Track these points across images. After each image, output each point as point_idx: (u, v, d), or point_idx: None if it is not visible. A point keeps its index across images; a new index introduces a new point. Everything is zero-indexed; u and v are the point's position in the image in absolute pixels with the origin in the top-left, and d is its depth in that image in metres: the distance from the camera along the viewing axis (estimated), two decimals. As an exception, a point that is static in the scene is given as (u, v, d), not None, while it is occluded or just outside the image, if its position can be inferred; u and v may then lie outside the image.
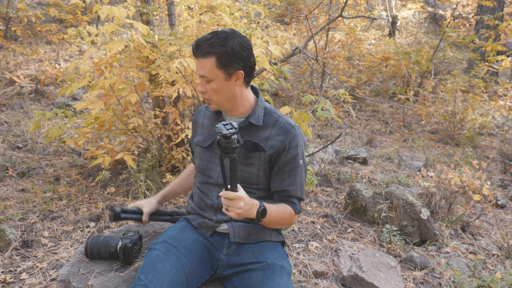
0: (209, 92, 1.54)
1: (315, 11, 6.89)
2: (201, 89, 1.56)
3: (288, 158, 1.58)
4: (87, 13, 7.44)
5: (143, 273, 1.42)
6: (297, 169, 1.60)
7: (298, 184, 1.62)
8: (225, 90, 1.54)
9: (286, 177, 1.60)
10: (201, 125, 1.73)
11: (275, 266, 1.50)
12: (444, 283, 2.44)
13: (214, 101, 1.57)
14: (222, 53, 1.47)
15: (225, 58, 1.48)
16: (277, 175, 1.60)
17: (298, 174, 1.61)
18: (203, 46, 1.48)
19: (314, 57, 4.22)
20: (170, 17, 3.82)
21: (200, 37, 1.51)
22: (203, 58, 1.49)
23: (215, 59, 1.48)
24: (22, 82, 5.45)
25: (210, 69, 1.49)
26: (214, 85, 1.52)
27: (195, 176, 1.76)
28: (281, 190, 1.61)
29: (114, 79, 2.91)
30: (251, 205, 1.43)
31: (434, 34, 10.68)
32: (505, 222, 3.43)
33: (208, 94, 1.55)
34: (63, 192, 3.20)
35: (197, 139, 1.71)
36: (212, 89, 1.53)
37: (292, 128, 1.59)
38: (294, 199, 1.62)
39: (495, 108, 6.31)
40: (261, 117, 1.61)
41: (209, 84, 1.53)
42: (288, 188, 1.60)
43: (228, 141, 1.30)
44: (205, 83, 1.53)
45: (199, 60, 1.51)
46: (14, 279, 2.19)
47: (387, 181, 3.81)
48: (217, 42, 1.47)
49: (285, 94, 6.86)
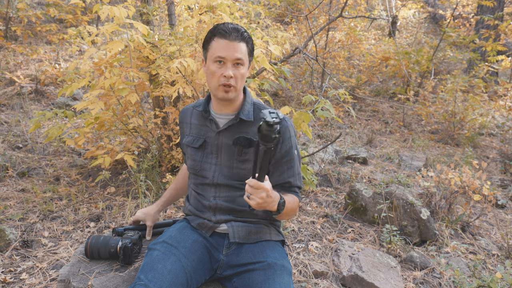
0: (238, 77, 1.54)
1: (315, 11, 6.89)
2: (229, 73, 1.51)
3: (284, 151, 1.60)
4: (87, 13, 7.44)
5: (143, 272, 1.42)
6: (294, 160, 1.64)
7: (296, 174, 1.66)
8: (246, 77, 1.59)
9: (285, 169, 1.62)
10: (189, 125, 1.71)
11: (276, 266, 1.50)
12: (444, 283, 2.44)
13: (237, 88, 1.56)
14: (252, 42, 1.58)
15: (252, 47, 1.58)
16: (276, 168, 1.62)
17: (295, 165, 1.64)
18: (241, 31, 1.52)
19: (314, 57, 4.22)
20: (170, 17, 3.82)
21: (225, 23, 1.54)
22: (239, 42, 1.52)
23: (247, 46, 1.55)
24: (22, 82, 5.45)
25: (245, 53, 1.54)
26: (243, 70, 1.55)
27: (189, 177, 1.75)
28: (283, 183, 1.63)
29: (114, 79, 2.91)
30: (273, 197, 1.44)
31: (434, 34, 10.68)
32: (505, 222, 3.43)
33: (235, 80, 1.54)
34: (63, 192, 3.20)
35: (187, 140, 1.70)
36: (241, 74, 1.55)
37: (282, 120, 1.61)
38: (296, 188, 1.66)
39: (495, 108, 6.31)
40: (251, 113, 1.62)
41: (238, 69, 1.53)
42: (289, 179, 1.63)
43: (269, 129, 1.27)
44: (235, 68, 1.53)
45: (234, 42, 1.51)
46: (14, 279, 2.19)
47: (387, 181, 3.81)
48: (247, 32, 1.55)
49: (285, 94, 6.86)
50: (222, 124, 1.63)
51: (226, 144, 1.61)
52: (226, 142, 1.61)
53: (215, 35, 1.52)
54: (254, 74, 3.51)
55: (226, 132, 1.62)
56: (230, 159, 1.60)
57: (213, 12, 3.14)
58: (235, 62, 1.51)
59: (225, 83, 1.52)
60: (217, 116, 1.64)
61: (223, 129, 1.61)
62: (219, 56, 1.51)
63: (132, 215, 2.88)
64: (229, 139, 1.61)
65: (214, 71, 1.53)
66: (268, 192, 1.39)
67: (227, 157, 1.61)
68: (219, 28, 1.51)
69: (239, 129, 1.60)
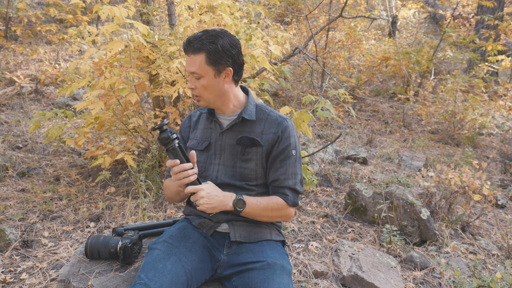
0: (198, 89, 1.57)
1: (315, 11, 6.89)
2: (190, 85, 1.58)
3: (280, 149, 1.61)
4: (87, 13, 7.44)
5: (143, 272, 1.42)
6: (289, 158, 1.61)
7: (290, 174, 1.61)
8: (214, 86, 1.57)
9: (278, 167, 1.61)
10: (194, 129, 1.74)
11: (276, 266, 1.50)
12: (444, 283, 2.44)
13: (203, 97, 1.59)
14: (212, 49, 1.51)
15: (214, 55, 1.52)
16: (270, 166, 1.62)
17: (289, 164, 1.61)
18: (194, 43, 1.52)
19: (314, 57, 4.22)
20: (170, 17, 3.82)
21: (191, 35, 1.55)
22: (193, 55, 1.53)
23: (205, 55, 1.52)
24: (22, 82, 5.45)
25: (200, 65, 1.53)
26: (204, 82, 1.55)
27: None
28: (272, 180, 1.62)
29: (114, 79, 2.91)
30: (219, 195, 1.47)
31: (434, 34, 10.68)
32: (505, 222, 3.43)
33: (197, 91, 1.58)
34: (63, 192, 3.20)
35: (191, 143, 1.71)
36: (202, 85, 1.56)
37: (283, 120, 1.63)
38: (286, 189, 1.61)
39: (495, 108, 6.31)
40: (253, 112, 1.64)
41: (198, 80, 1.56)
42: (279, 177, 1.60)
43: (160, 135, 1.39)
44: (195, 79, 1.56)
45: (189, 56, 1.54)
46: (14, 279, 2.19)
47: (387, 181, 3.81)
48: (207, 39, 1.51)
49: (285, 94, 6.86)
50: (225, 124, 1.66)
51: (229, 143, 1.63)
52: (229, 142, 1.63)
53: None
54: (254, 74, 3.51)
55: (229, 132, 1.64)
56: (233, 158, 1.62)
57: (213, 12, 3.14)
58: (193, 75, 1.57)
59: (193, 94, 1.60)
60: (221, 117, 1.67)
61: (226, 129, 1.64)
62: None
63: (132, 215, 2.89)
64: (232, 139, 1.63)
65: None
66: (205, 190, 1.44)
67: (230, 156, 1.62)
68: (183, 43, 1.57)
69: (242, 129, 1.63)
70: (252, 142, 1.59)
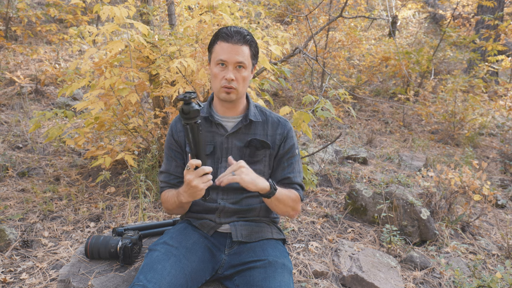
0: (238, 80, 1.55)
1: (315, 11, 6.89)
2: (230, 76, 1.52)
3: (286, 148, 1.65)
4: (87, 13, 7.44)
5: (142, 273, 1.42)
6: (295, 157, 1.67)
7: (297, 171, 1.68)
8: (248, 80, 1.59)
9: (285, 166, 1.66)
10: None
11: (277, 264, 1.50)
12: (444, 283, 2.44)
13: (238, 90, 1.56)
14: (255, 45, 1.57)
15: (255, 51, 1.58)
16: (278, 165, 1.66)
17: (295, 162, 1.67)
18: (243, 33, 1.53)
19: (314, 57, 4.22)
20: (170, 17, 3.82)
21: (230, 26, 1.55)
22: (242, 45, 1.52)
23: (249, 48, 1.55)
24: (22, 82, 5.45)
25: (247, 56, 1.54)
26: (245, 73, 1.55)
27: None
28: (283, 178, 1.65)
29: (114, 79, 2.91)
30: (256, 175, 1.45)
31: (434, 34, 10.68)
32: (505, 222, 3.43)
33: (236, 82, 1.55)
34: (63, 192, 3.20)
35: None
36: (243, 77, 1.55)
37: (285, 121, 1.69)
38: (296, 185, 1.67)
39: (495, 108, 6.31)
40: (257, 114, 1.66)
41: (240, 72, 1.54)
42: (289, 175, 1.65)
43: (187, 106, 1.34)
44: (236, 70, 1.54)
45: (235, 45, 1.52)
46: (14, 279, 2.19)
47: (387, 181, 3.81)
48: (249, 34, 1.55)
49: (285, 94, 6.86)
50: (229, 127, 1.64)
51: (236, 146, 1.62)
52: (237, 145, 1.62)
53: (218, 38, 1.55)
54: (254, 74, 3.51)
55: (235, 134, 1.63)
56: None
57: (214, 12, 3.14)
58: (236, 65, 1.53)
59: (226, 85, 1.54)
60: (223, 119, 1.65)
61: (232, 132, 1.62)
62: (221, 59, 1.53)
63: (132, 215, 2.89)
64: (239, 141, 1.62)
65: (216, 73, 1.55)
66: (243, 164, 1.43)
67: (238, 159, 1.59)
68: (222, 32, 1.53)
69: (247, 131, 1.63)
70: (261, 144, 1.61)
